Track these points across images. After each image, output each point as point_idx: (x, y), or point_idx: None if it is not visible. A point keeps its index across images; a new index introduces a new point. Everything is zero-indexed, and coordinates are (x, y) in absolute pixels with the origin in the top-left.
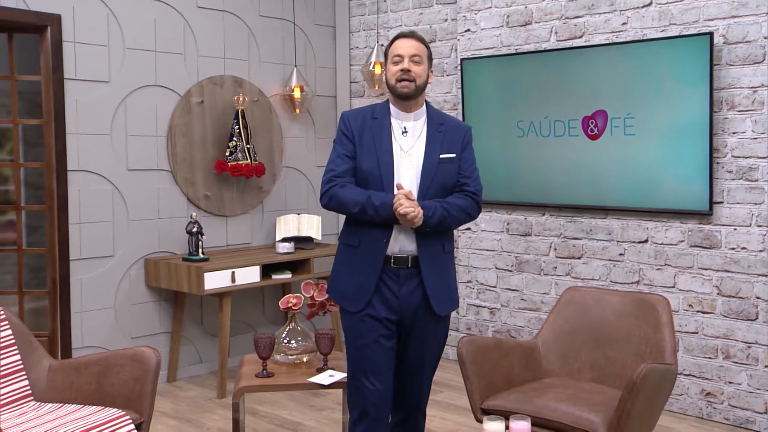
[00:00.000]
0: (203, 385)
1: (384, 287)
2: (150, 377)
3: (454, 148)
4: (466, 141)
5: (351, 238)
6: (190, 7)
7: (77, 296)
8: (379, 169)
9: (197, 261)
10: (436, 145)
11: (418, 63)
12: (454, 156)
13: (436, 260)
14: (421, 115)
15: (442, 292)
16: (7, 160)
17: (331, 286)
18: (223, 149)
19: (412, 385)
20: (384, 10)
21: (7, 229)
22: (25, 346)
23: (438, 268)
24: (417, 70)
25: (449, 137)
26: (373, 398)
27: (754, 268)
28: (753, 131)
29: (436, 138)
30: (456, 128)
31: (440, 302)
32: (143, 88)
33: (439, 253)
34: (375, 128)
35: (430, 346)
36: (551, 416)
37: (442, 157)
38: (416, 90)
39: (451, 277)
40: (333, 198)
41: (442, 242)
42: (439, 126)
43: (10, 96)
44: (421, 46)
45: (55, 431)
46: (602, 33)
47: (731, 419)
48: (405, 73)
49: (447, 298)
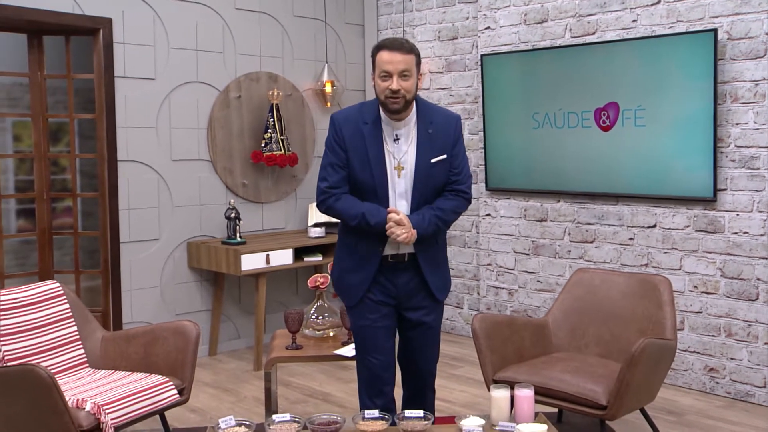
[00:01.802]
0: (241, 358)
1: (382, 278)
2: (191, 348)
3: (446, 148)
4: (456, 135)
5: (349, 236)
6: (229, 9)
7: (127, 276)
8: (373, 179)
9: (235, 244)
10: (427, 149)
11: (407, 78)
12: (445, 157)
13: (431, 253)
14: (412, 117)
15: (439, 280)
16: (65, 151)
17: (333, 279)
18: (259, 140)
19: (418, 363)
20: (410, 9)
21: (64, 214)
22: (81, 320)
23: (433, 260)
24: (406, 86)
25: (440, 137)
26: (376, 371)
27: (756, 252)
28: (755, 122)
29: (425, 142)
30: (445, 124)
31: (439, 288)
32: (186, 84)
33: (433, 245)
34: (366, 135)
35: (430, 326)
36: (557, 386)
37: (433, 162)
38: (406, 103)
39: (445, 265)
40: (329, 209)
41: (436, 238)
42: (429, 125)
43: (67, 93)
44: (409, 58)
45: (108, 394)
46: (614, 30)
47: (732, 393)
48: (395, 93)
49: (444, 285)
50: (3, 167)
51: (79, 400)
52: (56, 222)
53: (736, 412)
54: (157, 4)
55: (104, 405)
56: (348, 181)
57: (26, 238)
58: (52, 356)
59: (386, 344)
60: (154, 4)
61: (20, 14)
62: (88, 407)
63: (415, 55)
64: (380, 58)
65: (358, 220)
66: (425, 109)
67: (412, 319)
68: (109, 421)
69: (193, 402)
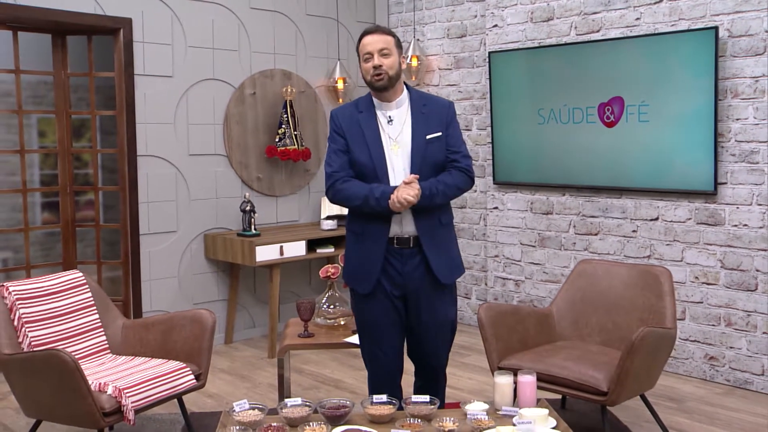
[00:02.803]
0: (256, 346)
1: (389, 266)
2: (207, 335)
3: (440, 126)
4: (449, 117)
5: (355, 225)
6: (244, 9)
7: (146, 266)
8: (372, 161)
9: (250, 236)
10: (421, 127)
11: (387, 55)
12: (440, 134)
13: (435, 235)
14: (404, 101)
15: (444, 263)
16: (87, 147)
17: (343, 271)
18: (273, 136)
19: (428, 352)
20: (419, 8)
21: (87, 207)
22: (102, 308)
23: (437, 241)
24: (387, 62)
25: (433, 116)
26: (384, 363)
27: (755, 244)
28: (755, 117)
29: (420, 120)
30: (439, 106)
31: (443, 272)
32: (202, 81)
33: (437, 227)
34: (363, 121)
35: (440, 313)
36: (560, 373)
37: (428, 138)
38: (390, 80)
39: (451, 247)
40: (336, 194)
41: (438, 216)
42: (423, 107)
43: (89, 90)
44: (388, 38)
45: (128, 378)
46: (618, 27)
47: (732, 380)
48: (377, 69)
49: (449, 267)
50: (29, 162)
51: (101, 384)
52: (79, 215)
53: (735, 399)
54: (174, 4)
55: (125, 389)
56: (351, 166)
57: (51, 230)
58: (75, 342)
59: (393, 338)
60: (172, 4)
61: (45, 15)
62: (110, 391)
63: (393, 37)
64: (362, 44)
65: (364, 196)
66: (418, 96)
67: (421, 315)
68: (129, 404)
69: (210, 388)
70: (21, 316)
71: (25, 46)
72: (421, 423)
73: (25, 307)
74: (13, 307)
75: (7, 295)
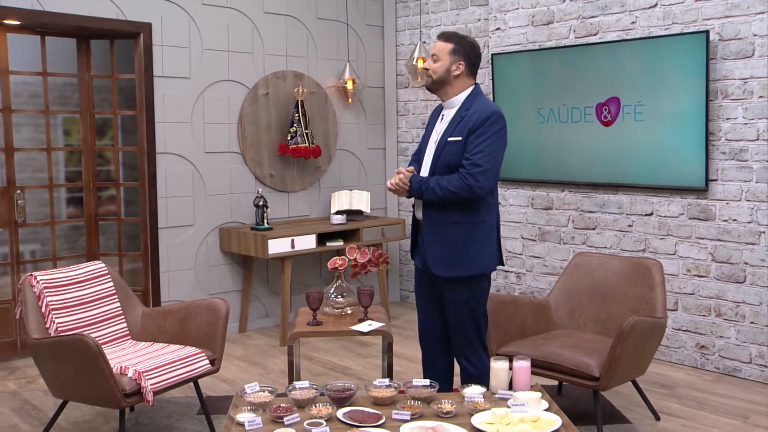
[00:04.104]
0: (268, 335)
1: (419, 242)
2: (221, 322)
3: (464, 132)
4: (477, 125)
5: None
6: (258, 13)
7: (164, 258)
8: (420, 151)
9: (263, 230)
10: (451, 129)
11: (435, 60)
12: (460, 139)
13: (439, 230)
14: (456, 103)
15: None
16: (109, 145)
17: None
18: (285, 134)
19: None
20: (426, 12)
21: (108, 202)
22: (123, 297)
23: (437, 233)
24: (433, 67)
25: (465, 122)
26: (420, 330)
27: (743, 238)
28: (744, 117)
29: (454, 123)
30: (476, 113)
31: (438, 265)
32: (218, 82)
33: (442, 222)
34: (435, 115)
35: (449, 301)
36: (555, 360)
37: (449, 140)
38: (434, 82)
39: (451, 245)
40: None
41: (445, 214)
42: (464, 112)
43: (111, 91)
44: (441, 44)
45: (147, 362)
46: (614, 31)
47: (721, 368)
48: (425, 71)
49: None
50: (55, 159)
51: (123, 368)
52: (102, 209)
53: (724, 386)
54: (192, 9)
55: (144, 372)
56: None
57: (75, 224)
58: (98, 329)
59: (423, 307)
60: (189, 9)
61: (70, 21)
62: (131, 374)
63: (452, 44)
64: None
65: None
66: (472, 99)
67: (436, 291)
68: (148, 386)
69: (225, 373)
70: (48, 303)
71: (51, 50)
72: (421, 405)
73: (52, 295)
74: (41, 295)
75: (35, 284)
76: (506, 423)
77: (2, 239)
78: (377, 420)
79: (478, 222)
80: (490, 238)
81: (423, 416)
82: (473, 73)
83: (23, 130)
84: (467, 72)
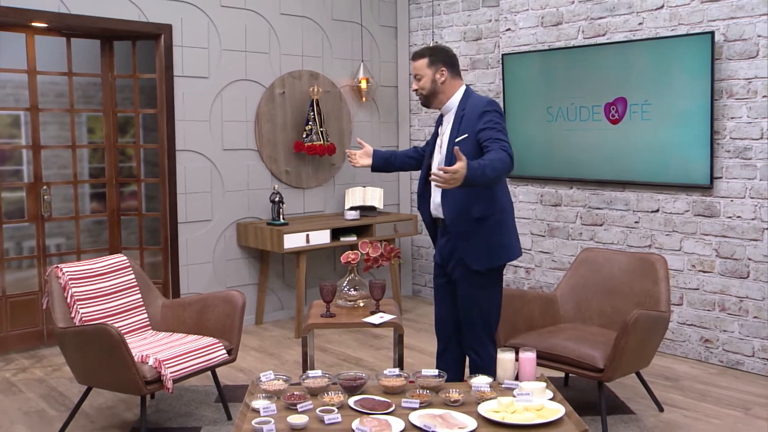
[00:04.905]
0: (284, 327)
1: (437, 240)
2: (237, 314)
3: (469, 128)
4: (478, 115)
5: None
6: (274, 15)
7: (184, 252)
8: (428, 154)
9: (278, 225)
10: (455, 130)
11: (419, 79)
12: (467, 136)
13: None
14: (451, 107)
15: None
16: (131, 142)
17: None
18: (300, 132)
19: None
20: (438, 13)
21: (130, 198)
22: (144, 289)
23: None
24: (420, 84)
25: (466, 119)
26: (436, 321)
27: (747, 234)
28: (748, 116)
29: (457, 124)
30: (474, 108)
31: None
32: (236, 82)
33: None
34: (437, 123)
35: (465, 293)
36: (561, 352)
37: (456, 141)
38: (427, 97)
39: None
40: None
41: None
42: (462, 112)
43: (133, 91)
44: (418, 63)
45: (167, 351)
46: (622, 32)
47: (725, 361)
48: (416, 92)
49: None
50: (79, 156)
51: (144, 356)
52: (123, 204)
53: (727, 379)
54: (211, 11)
55: (164, 361)
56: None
57: (98, 219)
58: (120, 319)
59: (441, 300)
60: (208, 11)
61: (94, 23)
62: (151, 362)
63: (426, 58)
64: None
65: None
66: (465, 99)
67: (453, 284)
68: (168, 374)
69: (241, 363)
70: (73, 294)
71: (76, 51)
72: (429, 394)
73: (76, 286)
74: (66, 286)
75: (61, 276)
76: (511, 411)
77: (29, 233)
78: (387, 408)
79: (499, 212)
80: (513, 227)
81: (431, 404)
82: (457, 73)
83: (49, 128)
84: (451, 75)
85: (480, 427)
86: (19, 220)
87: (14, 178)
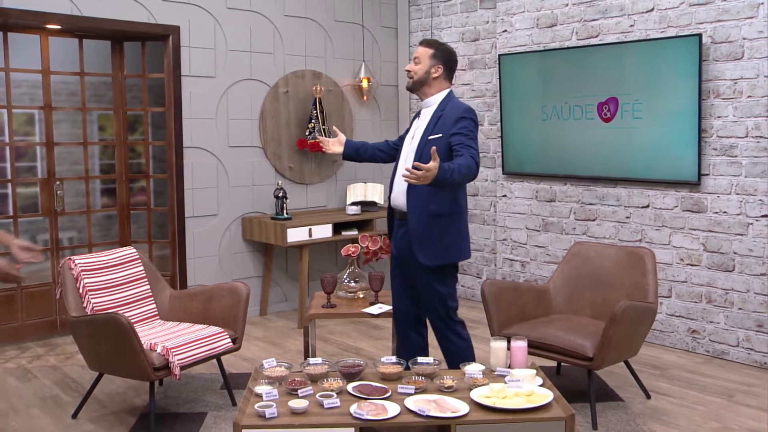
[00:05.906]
0: (287, 318)
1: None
2: (242, 304)
3: (444, 129)
4: (454, 119)
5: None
6: (279, 16)
7: (191, 245)
8: (400, 143)
9: (282, 219)
10: (430, 128)
11: (417, 63)
12: (441, 136)
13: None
14: (432, 103)
15: (425, 246)
16: (140, 139)
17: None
18: (303, 130)
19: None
20: (437, 14)
21: (139, 193)
22: (153, 280)
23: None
24: (415, 68)
25: (443, 120)
26: (395, 312)
27: (733, 229)
28: (734, 116)
29: (433, 122)
30: (452, 111)
31: (423, 253)
32: (241, 81)
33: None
34: (413, 118)
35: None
36: (552, 341)
37: (430, 138)
38: (415, 83)
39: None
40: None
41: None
42: (440, 112)
43: (142, 90)
44: (423, 49)
45: (174, 340)
46: (614, 33)
47: (711, 351)
48: (408, 72)
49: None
50: (90, 153)
51: (152, 344)
52: (133, 199)
53: (713, 368)
54: (217, 12)
55: (172, 348)
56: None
57: (109, 213)
58: (130, 309)
59: (398, 291)
60: (215, 12)
61: (105, 25)
62: (159, 350)
63: (433, 49)
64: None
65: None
66: (447, 101)
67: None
68: (176, 362)
69: (246, 352)
70: (85, 285)
71: (88, 52)
72: (425, 380)
73: (88, 277)
74: (79, 277)
75: (73, 267)
76: (502, 397)
77: (43, 227)
78: (384, 393)
79: (457, 213)
80: (466, 229)
81: (426, 390)
82: (449, 77)
83: (62, 125)
84: (444, 75)
85: (472, 411)
86: (33, 214)
87: (29, 173)
